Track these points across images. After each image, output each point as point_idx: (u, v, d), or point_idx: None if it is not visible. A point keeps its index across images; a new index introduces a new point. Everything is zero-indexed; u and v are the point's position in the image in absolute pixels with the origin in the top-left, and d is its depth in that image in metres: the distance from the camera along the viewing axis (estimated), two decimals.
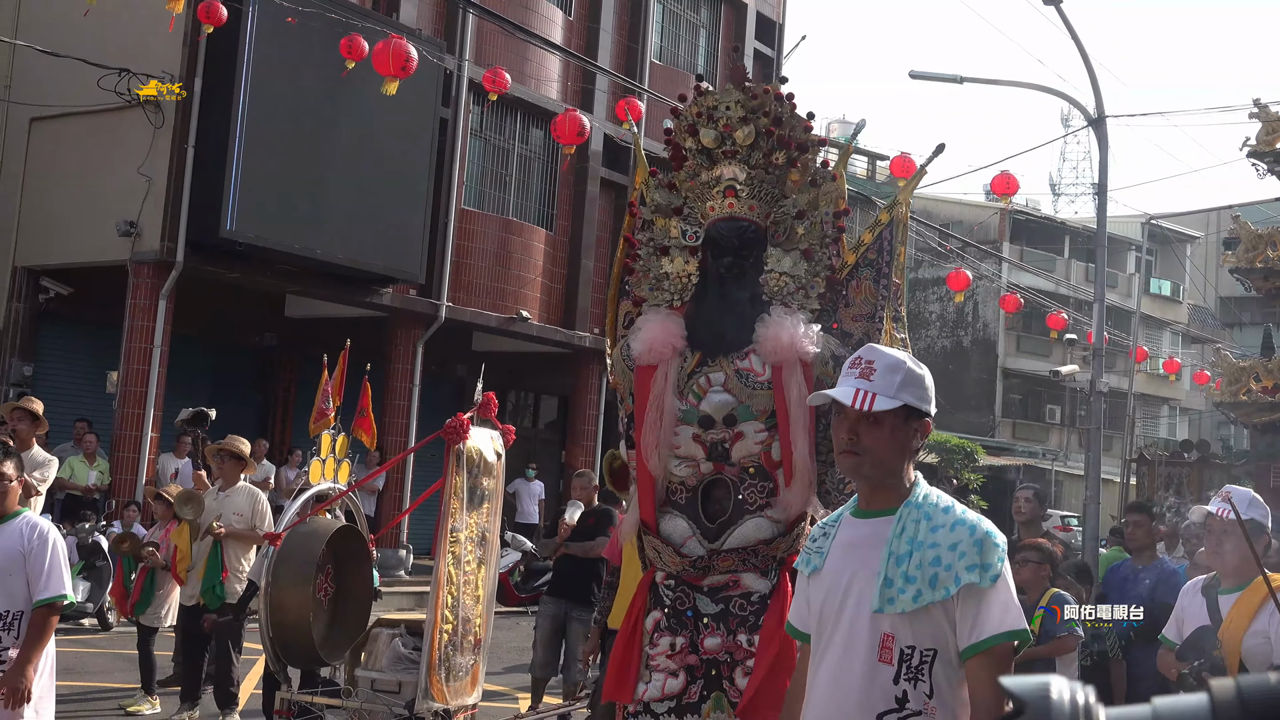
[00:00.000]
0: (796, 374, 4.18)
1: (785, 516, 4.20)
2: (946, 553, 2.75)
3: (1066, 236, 43.32)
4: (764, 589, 4.18)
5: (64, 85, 15.55)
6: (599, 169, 20.83)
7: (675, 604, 4.27)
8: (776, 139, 4.50)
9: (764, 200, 4.51)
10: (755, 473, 4.23)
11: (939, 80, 17.49)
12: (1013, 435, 40.57)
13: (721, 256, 4.44)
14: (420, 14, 17.96)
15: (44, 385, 15.80)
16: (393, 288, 17.49)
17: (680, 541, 4.26)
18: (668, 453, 4.29)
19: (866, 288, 4.57)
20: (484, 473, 7.06)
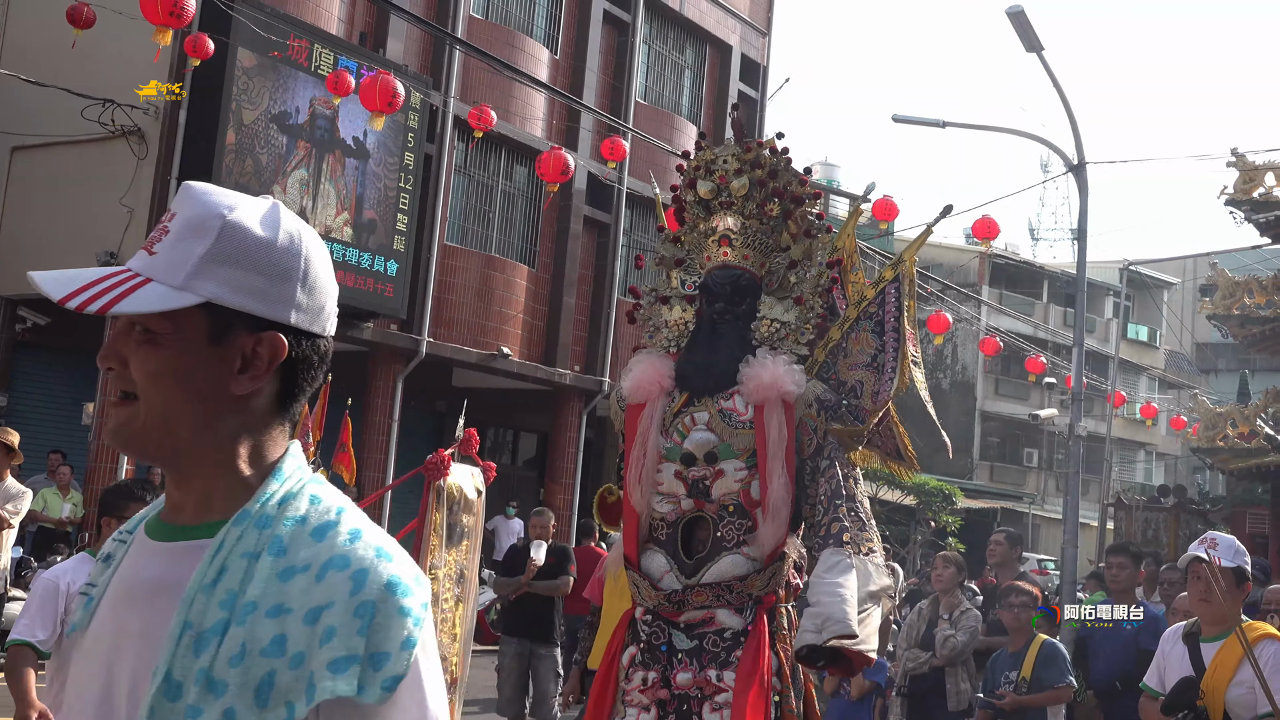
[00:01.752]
0: (777, 413, 4.26)
1: (761, 554, 4.26)
2: (297, 627, 1.34)
3: (1045, 281, 43.59)
4: (738, 625, 4.24)
5: (48, 115, 15.50)
6: (582, 207, 20.87)
7: (651, 639, 4.33)
8: (770, 191, 4.63)
9: (758, 250, 4.63)
10: (734, 510, 4.29)
11: (921, 124, 17.58)
12: (991, 478, 40.63)
13: (715, 303, 4.57)
14: (407, 50, 18.01)
15: (18, 416, 15.66)
16: (374, 322, 17.44)
17: (658, 576, 4.33)
18: (651, 489, 4.37)
19: (865, 339, 4.66)
20: (464, 510, 6.99)
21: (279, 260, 1.46)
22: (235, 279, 1.43)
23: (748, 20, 24.45)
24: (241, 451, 1.46)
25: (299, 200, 15.95)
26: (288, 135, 15.87)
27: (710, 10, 23.55)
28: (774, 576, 4.26)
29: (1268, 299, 19.26)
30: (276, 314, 1.44)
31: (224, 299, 1.42)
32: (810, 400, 4.33)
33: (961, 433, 41.41)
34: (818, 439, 4.32)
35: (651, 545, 4.40)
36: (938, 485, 28.99)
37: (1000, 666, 6.62)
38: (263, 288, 1.44)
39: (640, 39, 22.11)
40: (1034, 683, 6.34)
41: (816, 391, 4.37)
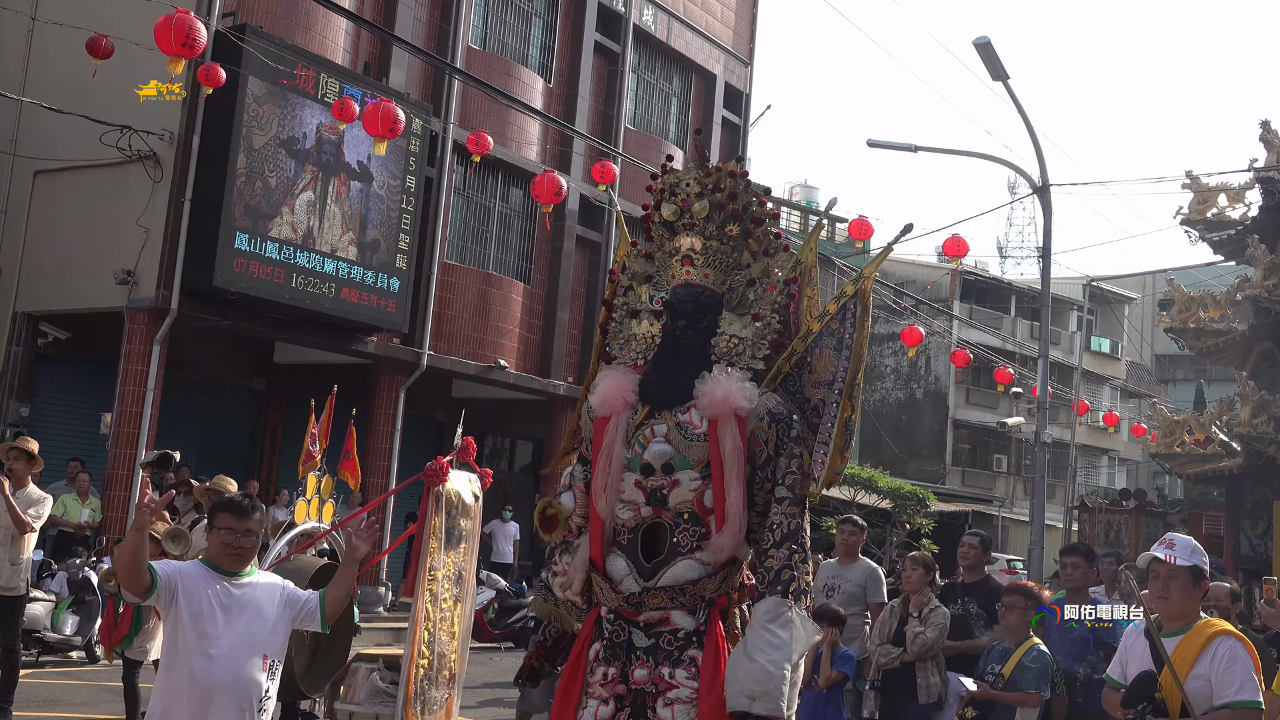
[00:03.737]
0: (730, 427, 4.30)
1: (715, 560, 4.32)
2: None
3: (1013, 296, 43.70)
4: (690, 626, 4.30)
5: (68, 140, 15.52)
6: (575, 227, 20.91)
7: (612, 636, 4.40)
8: (730, 212, 4.66)
9: (719, 268, 4.68)
10: (689, 518, 4.35)
11: (895, 149, 17.67)
12: (962, 483, 40.66)
13: (677, 320, 4.60)
14: (409, 79, 18.04)
15: (40, 426, 15.64)
16: (377, 336, 17.44)
17: (619, 579, 4.40)
18: (615, 497, 4.44)
19: (827, 356, 4.67)
20: (462, 514, 7.02)
21: None
22: None
23: (731, 51, 24.53)
24: None
25: (306, 221, 15.96)
26: (295, 159, 15.88)
27: (695, 41, 23.63)
28: (725, 580, 4.34)
29: (1221, 313, 19.32)
30: None
31: None
32: (762, 414, 4.37)
33: (934, 440, 41.45)
34: (768, 451, 4.36)
35: (614, 549, 4.46)
36: (912, 490, 29.03)
37: (990, 658, 6.62)
38: None
39: (629, 68, 22.17)
40: (1010, 682, 6.33)
41: (769, 405, 4.40)
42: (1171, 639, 4.50)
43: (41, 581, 12.19)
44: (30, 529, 9.06)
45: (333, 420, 8.21)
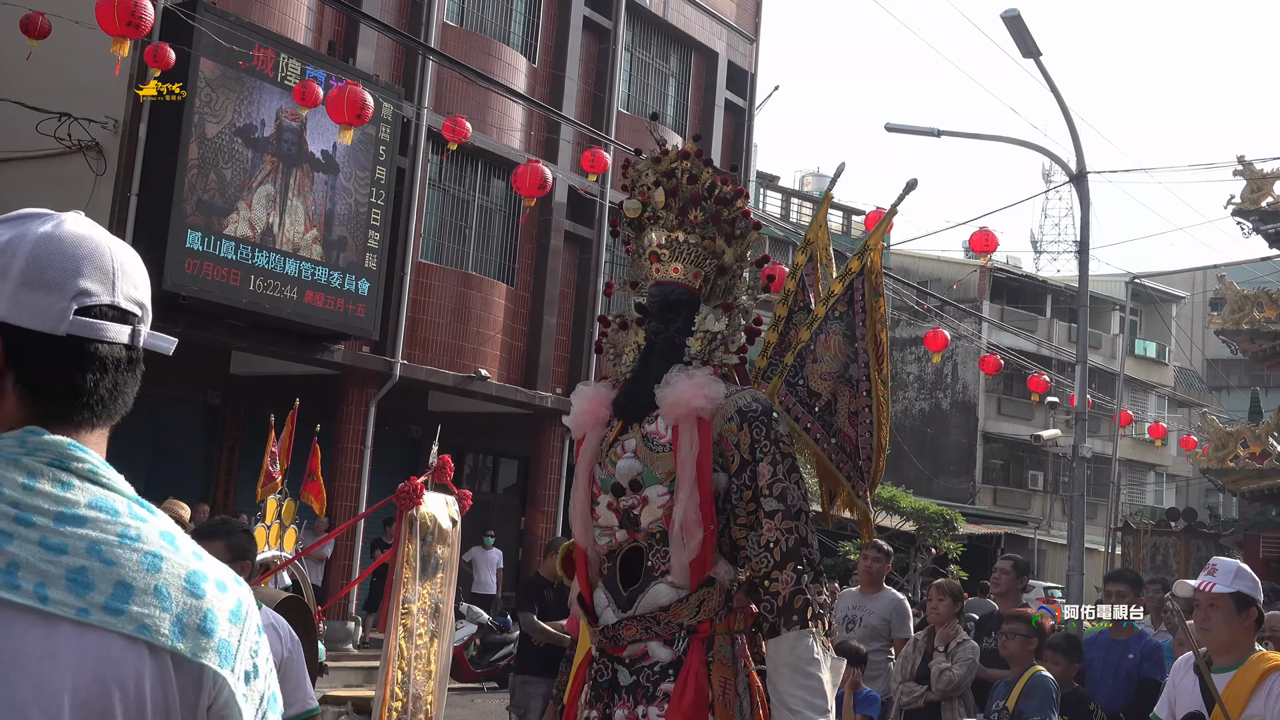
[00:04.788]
0: (689, 430, 4.23)
1: (682, 581, 4.23)
2: None
3: (1049, 296, 43.69)
4: (667, 658, 4.23)
5: (1, 130, 15.53)
6: (563, 222, 20.94)
7: (597, 676, 4.37)
8: (689, 197, 4.60)
9: (690, 261, 4.60)
10: (660, 537, 4.28)
11: (916, 133, 17.69)
12: (994, 502, 40.67)
13: (649, 322, 4.56)
14: (378, 59, 18.08)
15: None
16: (344, 344, 17.45)
17: (599, 611, 4.36)
18: (590, 523, 4.41)
19: (836, 343, 4.63)
20: (438, 540, 7.02)
21: (12, 265, 1.51)
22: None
23: (734, 26, 24.61)
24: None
25: (265, 217, 15.99)
26: (253, 149, 15.91)
27: (695, 16, 23.70)
28: (703, 604, 4.24)
29: (1278, 313, 19.39)
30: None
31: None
32: (730, 413, 4.27)
33: (963, 455, 41.46)
34: (740, 454, 4.27)
35: (599, 581, 4.43)
36: (938, 510, 29.04)
37: (996, 694, 6.70)
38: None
39: (622, 46, 22.24)
40: (1015, 715, 6.40)
41: (739, 403, 4.30)
42: (1223, 675, 4.50)
43: None
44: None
45: (295, 437, 8.23)
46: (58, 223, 1.56)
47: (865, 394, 4.56)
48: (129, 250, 1.61)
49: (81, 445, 1.52)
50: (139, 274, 1.60)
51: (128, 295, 1.57)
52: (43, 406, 1.51)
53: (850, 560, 21.33)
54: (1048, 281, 45.15)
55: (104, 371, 1.54)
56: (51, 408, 1.51)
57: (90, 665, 1.40)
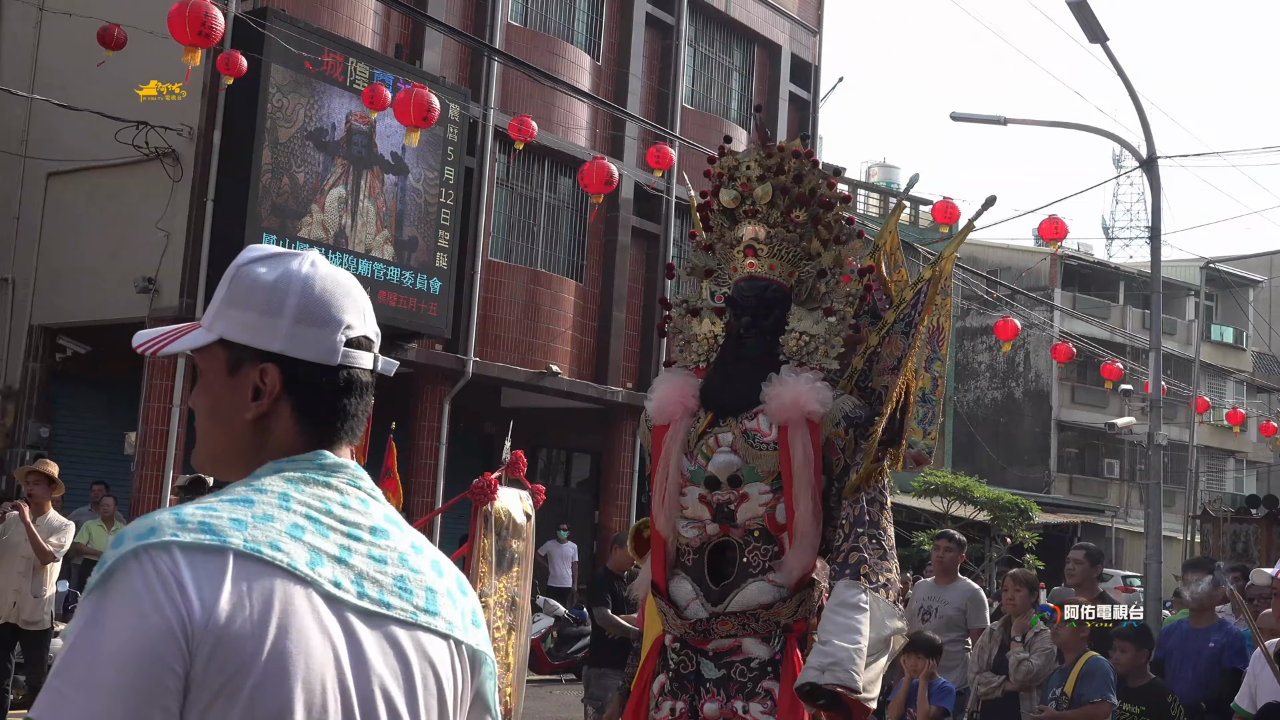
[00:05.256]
0: (801, 434, 4.23)
1: (788, 581, 4.25)
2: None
3: (1121, 282, 43.08)
4: (764, 655, 4.25)
5: (81, 139, 15.82)
6: (630, 218, 20.96)
7: (679, 667, 4.35)
8: (795, 196, 4.58)
9: (785, 259, 4.61)
10: (759, 535, 4.29)
11: (982, 122, 17.52)
12: (1069, 491, 40.15)
13: (741, 317, 4.52)
14: (444, 61, 18.20)
15: (60, 447, 15.96)
16: (417, 343, 17.59)
17: (684, 604, 4.35)
18: (676, 513, 4.39)
19: (894, 340, 4.63)
20: (513, 534, 7.08)
21: (268, 299, 1.65)
22: (238, 317, 1.66)
23: (797, 19, 24.49)
24: (242, 469, 1.66)
25: (338, 219, 16.17)
26: (324, 152, 16.09)
27: (757, 9, 23.61)
28: (802, 604, 4.25)
29: None
30: (267, 345, 1.65)
31: (230, 335, 1.66)
32: (837, 418, 4.29)
33: (1036, 444, 40.98)
34: (845, 458, 4.29)
35: (679, 571, 4.41)
36: (1012, 500, 28.72)
37: (1051, 682, 6.68)
38: (255, 323, 1.65)
39: (685, 41, 22.21)
40: (1074, 699, 6.37)
41: (845, 409, 4.32)
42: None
43: (67, 614, 12.46)
44: (53, 559, 9.27)
45: (370, 435, 8.32)
46: (313, 262, 1.71)
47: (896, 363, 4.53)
48: (361, 286, 1.77)
49: (356, 464, 1.70)
50: (369, 304, 1.76)
51: (372, 327, 1.74)
52: (312, 429, 1.67)
53: (925, 551, 21.15)
54: (1120, 268, 44.51)
55: (360, 395, 1.72)
56: (320, 430, 1.67)
57: (424, 661, 1.58)
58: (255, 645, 1.42)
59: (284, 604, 1.45)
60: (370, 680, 1.50)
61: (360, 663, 1.50)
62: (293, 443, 1.65)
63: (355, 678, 1.49)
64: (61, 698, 1.37)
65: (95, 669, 1.37)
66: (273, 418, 1.65)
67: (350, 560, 1.55)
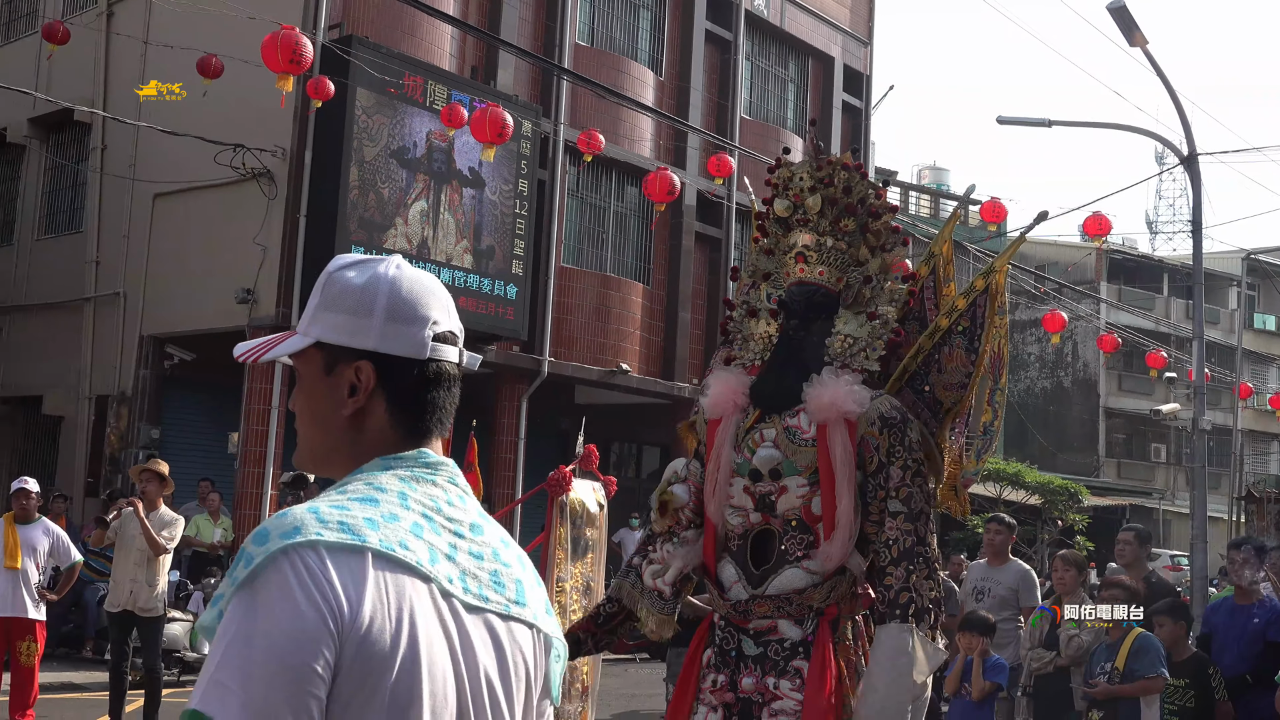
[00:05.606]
0: (840, 433, 4.27)
1: (822, 569, 4.31)
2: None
3: (1165, 274, 42.42)
4: (797, 636, 4.31)
5: (184, 162, 16.09)
6: (693, 224, 20.95)
7: (723, 643, 4.45)
8: (844, 206, 4.62)
9: (834, 265, 4.64)
10: (796, 525, 4.35)
11: (1027, 124, 17.30)
12: (1118, 475, 39.56)
13: (790, 319, 4.59)
14: (516, 80, 18.30)
15: (169, 447, 16.23)
16: (496, 345, 17.70)
17: (728, 585, 4.44)
18: (724, 502, 4.46)
19: (959, 356, 4.61)
20: (587, 523, 7.11)
21: (359, 301, 1.65)
22: (331, 321, 1.66)
23: (848, 31, 24.33)
24: (343, 465, 1.66)
25: (420, 231, 16.32)
26: (407, 169, 16.24)
27: (810, 23, 23.49)
28: (833, 590, 4.32)
29: None
30: (361, 343, 1.64)
31: (326, 337, 1.66)
32: (873, 418, 4.31)
33: (1085, 430, 40.41)
34: (879, 457, 4.30)
35: (726, 555, 4.49)
36: (1063, 484, 28.38)
37: (1098, 657, 6.59)
38: (348, 324, 1.65)
39: (743, 55, 22.15)
40: (1126, 674, 6.28)
41: (881, 409, 4.33)
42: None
43: (179, 602, 12.70)
44: (165, 551, 9.46)
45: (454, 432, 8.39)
46: (398, 265, 1.70)
47: (970, 406, 4.58)
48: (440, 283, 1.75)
49: (450, 460, 1.69)
50: (452, 302, 1.74)
51: (455, 322, 1.72)
52: (404, 422, 1.66)
53: (978, 534, 20.96)
54: (1164, 261, 43.80)
55: (447, 388, 1.70)
56: (412, 423, 1.66)
57: (515, 650, 1.59)
58: (393, 640, 1.42)
59: (412, 601, 1.46)
60: (476, 669, 1.51)
61: (469, 653, 1.51)
62: (387, 436, 1.64)
63: (466, 666, 1.50)
64: (223, 689, 1.37)
65: (253, 661, 1.37)
66: (368, 413, 1.64)
67: (456, 557, 1.55)
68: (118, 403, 17.23)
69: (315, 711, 1.38)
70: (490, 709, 1.52)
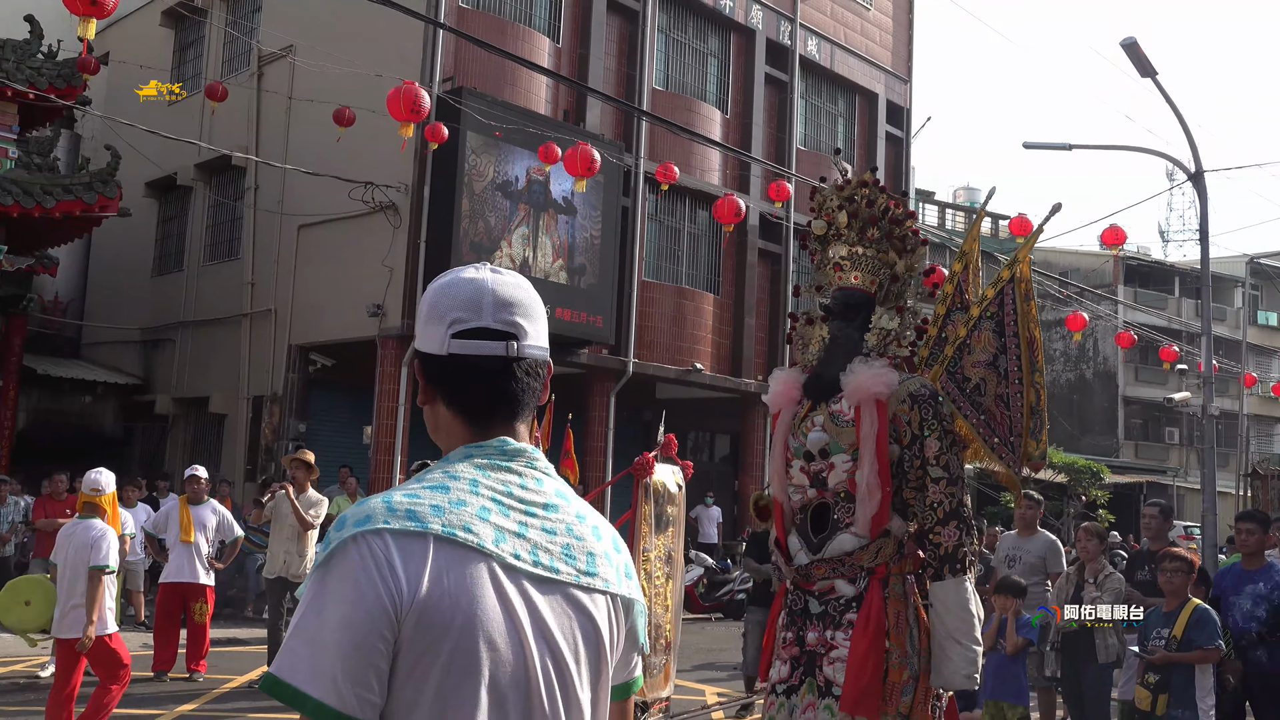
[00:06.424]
0: (869, 412, 4.32)
1: (864, 532, 4.33)
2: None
3: (1175, 278, 41.40)
4: (851, 593, 4.34)
5: (322, 198, 16.34)
6: (756, 241, 20.85)
7: (793, 604, 4.50)
8: (868, 218, 4.67)
9: (867, 270, 4.68)
10: (845, 496, 4.39)
11: (1050, 148, 16.96)
12: (1135, 455, 38.63)
13: (833, 320, 4.67)
14: (603, 121, 18.35)
15: (314, 439, 16.49)
16: (588, 349, 17.77)
17: (794, 553, 4.50)
18: (786, 483, 4.55)
19: (986, 338, 4.62)
20: (668, 502, 7.13)
21: (419, 308, 1.63)
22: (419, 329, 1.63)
23: (890, 70, 24.04)
24: (444, 448, 1.62)
25: (522, 252, 16.43)
26: (510, 200, 16.36)
27: (857, 65, 23.26)
28: (880, 550, 4.31)
29: None
30: (418, 345, 1.62)
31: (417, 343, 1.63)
32: (902, 397, 4.34)
33: (1105, 417, 39.53)
34: (911, 430, 4.31)
35: (792, 528, 4.56)
36: (1086, 464, 27.78)
37: (1152, 623, 6.28)
38: (417, 329, 1.63)
39: (798, 95, 21.99)
40: (1184, 643, 6.01)
41: (910, 388, 4.36)
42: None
43: None
44: (312, 527, 9.64)
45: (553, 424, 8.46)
46: (456, 273, 1.64)
47: (1018, 381, 4.57)
48: (517, 287, 1.64)
49: (532, 446, 1.61)
50: (519, 303, 1.62)
51: (499, 318, 1.58)
52: (463, 409, 1.59)
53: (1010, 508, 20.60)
54: (1175, 266, 42.70)
55: (486, 377, 1.58)
56: (470, 409, 1.58)
57: (585, 616, 1.53)
58: (451, 614, 1.39)
59: (473, 578, 1.41)
60: (543, 633, 1.46)
61: (535, 619, 1.46)
62: (456, 423, 1.60)
63: (531, 631, 1.45)
64: (294, 654, 1.37)
65: (321, 632, 1.37)
66: (436, 404, 1.60)
67: (527, 534, 1.50)
68: (271, 402, 17.54)
69: (373, 679, 1.36)
70: (555, 669, 1.46)
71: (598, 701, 1.54)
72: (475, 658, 1.39)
